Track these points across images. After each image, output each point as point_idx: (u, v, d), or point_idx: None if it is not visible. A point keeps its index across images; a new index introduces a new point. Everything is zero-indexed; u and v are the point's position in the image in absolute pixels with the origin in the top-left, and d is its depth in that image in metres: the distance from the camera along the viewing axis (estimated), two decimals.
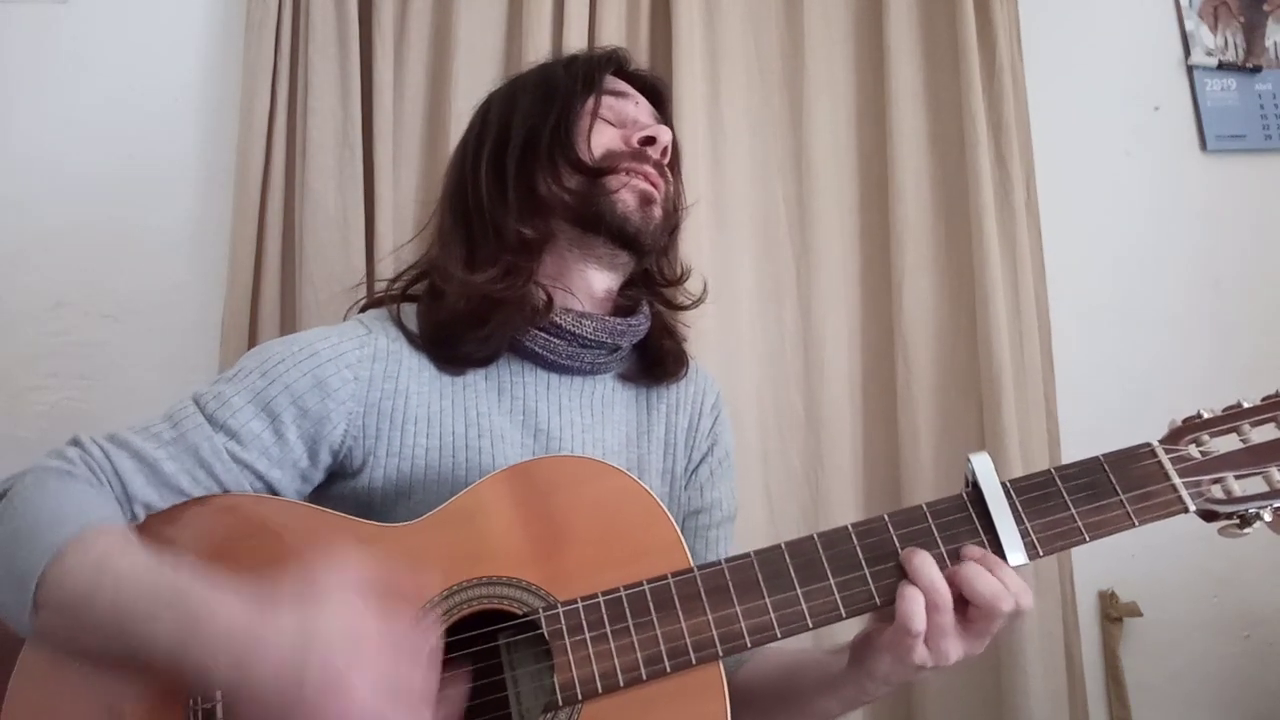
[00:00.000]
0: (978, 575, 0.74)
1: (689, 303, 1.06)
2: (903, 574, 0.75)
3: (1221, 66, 1.78)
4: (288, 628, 0.62)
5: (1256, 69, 1.78)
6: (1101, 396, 1.63)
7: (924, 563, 0.75)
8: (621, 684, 0.72)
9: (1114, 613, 1.55)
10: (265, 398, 0.82)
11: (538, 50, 1.53)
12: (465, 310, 0.88)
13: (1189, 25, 1.79)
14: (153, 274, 1.51)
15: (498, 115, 0.96)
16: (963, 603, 0.74)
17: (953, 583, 0.74)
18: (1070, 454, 1.55)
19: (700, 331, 1.05)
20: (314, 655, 0.60)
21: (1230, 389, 1.60)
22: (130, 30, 1.57)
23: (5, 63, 1.53)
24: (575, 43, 1.53)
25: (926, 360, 1.56)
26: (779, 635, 0.75)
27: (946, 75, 1.64)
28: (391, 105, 1.51)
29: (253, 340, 1.43)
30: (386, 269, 1.28)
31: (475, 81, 1.54)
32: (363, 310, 0.98)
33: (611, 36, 1.54)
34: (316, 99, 1.48)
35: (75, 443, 0.78)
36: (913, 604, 0.73)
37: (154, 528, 0.77)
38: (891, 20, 1.63)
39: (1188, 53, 1.78)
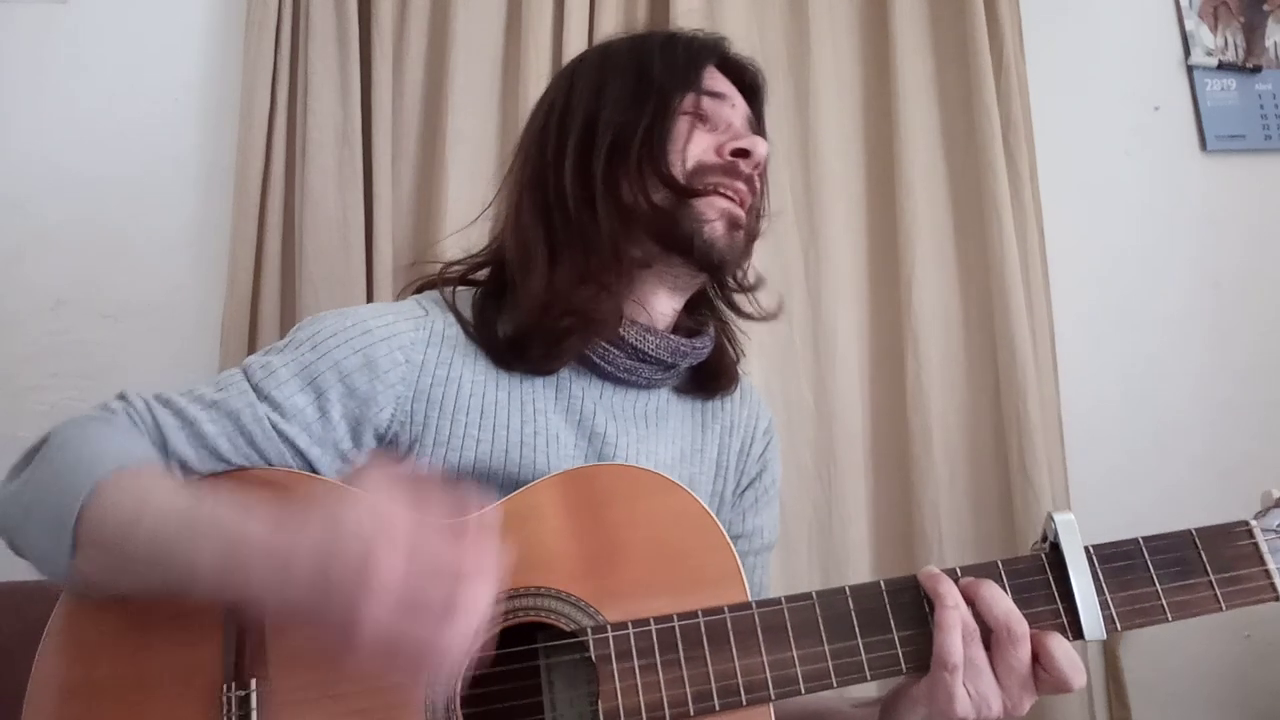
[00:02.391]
0: (995, 597, 0.72)
1: (759, 315, 1.01)
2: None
3: (1221, 66, 1.77)
4: (316, 524, 0.60)
5: (1256, 69, 1.78)
6: (1101, 396, 1.63)
7: (950, 589, 0.72)
8: (667, 718, 0.70)
9: None
10: (313, 372, 0.80)
11: (538, 49, 1.53)
12: (545, 320, 0.83)
13: (1189, 25, 1.79)
14: (153, 274, 1.51)
15: (584, 97, 0.89)
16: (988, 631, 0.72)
17: (972, 604, 0.72)
18: (1072, 455, 1.55)
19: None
20: (341, 541, 0.58)
21: (1230, 389, 1.64)
22: (130, 30, 1.57)
23: (5, 63, 1.53)
24: (575, 42, 1.53)
25: (937, 354, 1.55)
26: (835, 684, 0.72)
27: (954, 68, 1.64)
28: (390, 105, 1.51)
29: (253, 341, 1.43)
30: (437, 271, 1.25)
31: (474, 81, 1.55)
32: (417, 291, 0.94)
33: (610, 32, 1.54)
34: (316, 99, 1.48)
35: (121, 396, 0.79)
36: (950, 634, 0.70)
37: None
38: (897, 11, 1.62)
39: (1188, 53, 1.78)
